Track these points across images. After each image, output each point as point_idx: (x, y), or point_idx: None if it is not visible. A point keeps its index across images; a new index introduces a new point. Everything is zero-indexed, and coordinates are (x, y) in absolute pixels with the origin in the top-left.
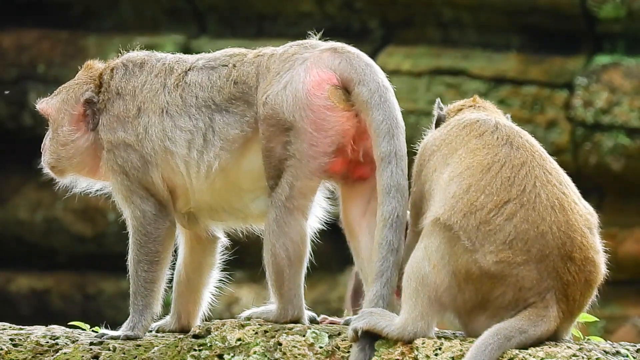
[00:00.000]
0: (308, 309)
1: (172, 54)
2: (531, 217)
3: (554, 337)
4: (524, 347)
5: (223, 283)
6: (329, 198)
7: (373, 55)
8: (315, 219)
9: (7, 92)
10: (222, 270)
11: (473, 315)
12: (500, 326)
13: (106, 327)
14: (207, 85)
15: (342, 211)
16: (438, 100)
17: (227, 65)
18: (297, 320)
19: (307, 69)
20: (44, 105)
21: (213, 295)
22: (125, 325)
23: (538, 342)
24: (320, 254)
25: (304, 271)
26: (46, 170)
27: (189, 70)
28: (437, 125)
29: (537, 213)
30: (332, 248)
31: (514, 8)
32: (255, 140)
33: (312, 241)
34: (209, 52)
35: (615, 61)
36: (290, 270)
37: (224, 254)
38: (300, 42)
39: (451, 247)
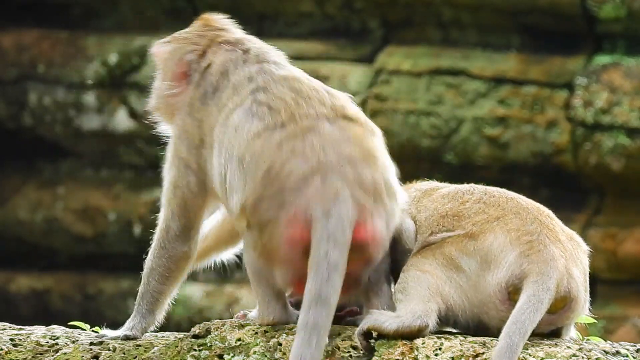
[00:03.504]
0: None
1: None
2: (483, 203)
3: (571, 285)
4: (553, 306)
5: (222, 281)
6: None
7: (373, 55)
8: None
9: None
10: (222, 271)
11: (481, 281)
12: (526, 293)
13: (106, 327)
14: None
15: None
16: None
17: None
18: (281, 323)
19: None
20: (156, 49)
21: (213, 296)
22: (125, 325)
23: (560, 292)
24: None
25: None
26: (151, 112)
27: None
28: None
29: (487, 201)
30: None
31: (514, 8)
32: None
33: None
34: None
35: (615, 61)
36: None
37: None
38: None
39: (432, 248)
